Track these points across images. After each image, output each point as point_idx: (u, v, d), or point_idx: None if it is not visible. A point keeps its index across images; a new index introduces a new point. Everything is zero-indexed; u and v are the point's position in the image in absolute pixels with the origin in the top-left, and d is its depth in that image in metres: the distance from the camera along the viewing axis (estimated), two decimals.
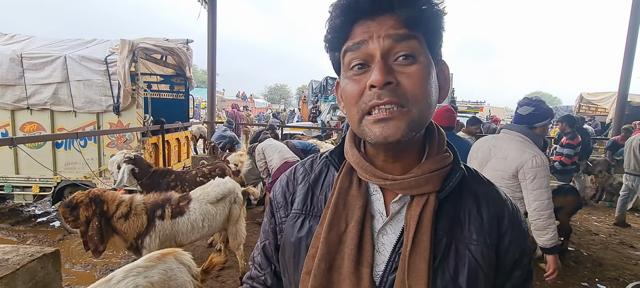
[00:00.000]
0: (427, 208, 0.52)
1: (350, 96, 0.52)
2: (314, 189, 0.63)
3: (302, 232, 0.60)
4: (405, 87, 0.49)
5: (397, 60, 0.49)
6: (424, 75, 0.49)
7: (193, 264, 1.86)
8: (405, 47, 0.49)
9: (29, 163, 4.00)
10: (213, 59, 7.44)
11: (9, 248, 2.07)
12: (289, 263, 0.61)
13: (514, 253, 0.56)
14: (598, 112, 11.13)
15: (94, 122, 4.11)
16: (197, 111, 13.70)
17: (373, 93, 0.49)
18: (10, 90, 3.98)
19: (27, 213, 4.84)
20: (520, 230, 0.57)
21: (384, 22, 0.49)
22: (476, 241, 0.53)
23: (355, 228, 0.54)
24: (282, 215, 0.65)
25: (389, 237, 0.55)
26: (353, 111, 0.52)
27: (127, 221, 2.29)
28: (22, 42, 4.35)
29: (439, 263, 0.51)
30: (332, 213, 0.56)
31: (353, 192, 0.57)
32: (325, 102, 12.58)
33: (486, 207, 0.56)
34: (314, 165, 0.67)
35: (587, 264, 3.62)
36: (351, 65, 0.52)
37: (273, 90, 53.64)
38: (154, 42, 4.24)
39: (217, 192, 2.74)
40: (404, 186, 0.53)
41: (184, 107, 5.66)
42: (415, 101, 0.49)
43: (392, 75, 0.48)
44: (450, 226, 0.54)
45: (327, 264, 0.53)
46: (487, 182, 0.61)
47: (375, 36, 0.49)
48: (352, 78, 0.52)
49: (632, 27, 6.62)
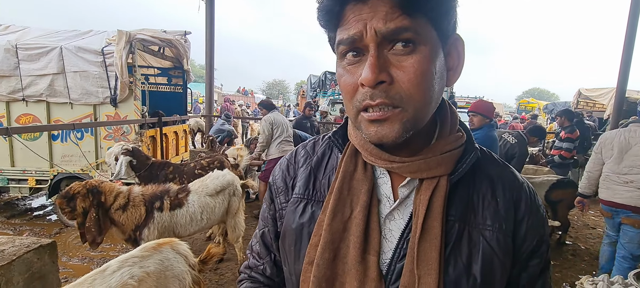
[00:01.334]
0: (437, 193, 0.49)
1: (345, 89, 0.48)
2: (316, 173, 0.59)
3: (304, 218, 0.56)
4: (400, 85, 0.44)
5: (393, 49, 0.44)
6: (423, 68, 0.44)
7: (190, 254, 1.85)
8: (399, 33, 0.43)
9: (25, 156, 3.95)
10: (211, 53, 7.37)
11: (5, 239, 2.04)
12: (289, 252, 0.58)
13: (532, 241, 0.52)
14: (596, 107, 11.17)
15: (90, 114, 4.06)
16: (197, 106, 13.61)
17: (366, 91, 0.44)
18: (5, 81, 3.92)
19: (23, 207, 4.80)
20: (539, 215, 0.53)
21: (376, 5, 0.43)
22: (491, 227, 0.49)
23: (360, 214, 0.50)
24: (282, 200, 0.62)
25: (396, 223, 0.51)
26: (349, 105, 0.48)
27: (125, 213, 2.27)
28: (17, 32, 4.28)
29: (451, 251, 0.48)
30: (335, 198, 0.52)
31: (358, 175, 0.54)
32: (324, 96, 12.54)
33: (502, 191, 0.52)
34: (316, 147, 0.64)
35: (585, 257, 3.65)
36: (343, 52, 0.47)
37: (271, 85, 53.46)
38: (152, 33, 4.18)
39: (216, 184, 2.72)
40: (413, 169, 0.49)
41: (182, 100, 5.60)
42: (411, 100, 0.44)
43: (385, 72, 0.44)
44: (463, 211, 0.50)
45: (331, 253, 0.50)
46: (502, 164, 0.56)
47: (368, 24, 0.43)
48: (346, 68, 0.48)
49: (631, 22, 6.61)
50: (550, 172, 4.37)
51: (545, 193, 3.68)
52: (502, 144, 3.59)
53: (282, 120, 4.24)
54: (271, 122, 4.12)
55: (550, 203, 3.65)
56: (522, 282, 0.53)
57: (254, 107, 20.51)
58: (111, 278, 1.53)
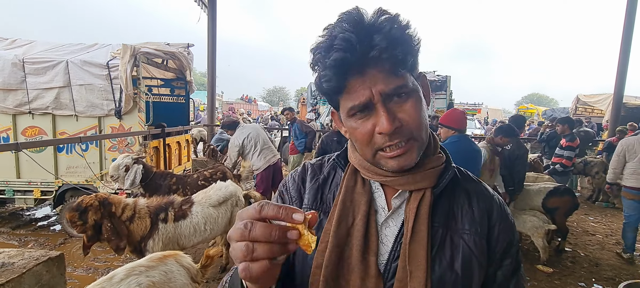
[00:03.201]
0: (423, 202, 0.59)
1: (361, 138, 0.58)
2: (323, 188, 0.69)
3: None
4: (408, 124, 0.56)
5: (393, 101, 0.56)
6: (417, 105, 0.57)
7: (193, 266, 1.89)
8: (398, 90, 0.55)
9: (31, 168, 4.02)
10: (213, 63, 7.49)
11: (14, 252, 2.09)
12: (297, 257, 0.66)
13: (503, 243, 0.62)
14: (594, 113, 11.23)
15: (95, 126, 4.14)
16: (198, 114, 13.73)
17: (383, 137, 0.56)
18: (12, 94, 4.00)
19: (27, 217, 4.84)
20: (508, 222, 0.64)
21: (376, 75, 0.54)
22: (469, 231, 0.60)
23: (361, 221, 0.60)
24: None
25: (391, 229, 0.61)
26: (365, 150, 0.59)
27: (131, 224, 2.33)
28: (23, 46, 4.38)
29: (436, 252, 0.58)
30: (340, 209, 0.62)
31: (358, 189, 0.64)
32: (324, 104, 12.61)
33: (477, 202, 0.63)
34: (322, 168, 0.73)
35: (584, 264, 3.67)
36: (352, 113, 0.58)
37: (271, 92, 53.66)
38: (156, 46, 4.27)
39: (219, 196, 2.77)
40: (403, 182, 0.60)
41: (185, 110, 5.69)
42: (419, 131, 0.57)
43: (396, 119, 0.55)
44: (445, 219, 0.60)
45: (337, 256, 0.59)
46: (476, 181, 0.68)
47: (373, 89, 0.54)
48: (358, 122, 0.58)
49: (627, 28, 6.71)
50: (551, 180, 4.41)
51: (542, 200, 3.72)
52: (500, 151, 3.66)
53: (253, 133, 4.15)
54: (238, 145, 4.08)
55: (547, 211, 3.69)
56: (498, 280, 0.63)
57: (257, 115, 20.69)
58: (119, 286, 1.58)
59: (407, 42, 0.55)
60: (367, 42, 0.53)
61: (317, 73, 0.58)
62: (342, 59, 0.53)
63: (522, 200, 3.79)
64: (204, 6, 7.39)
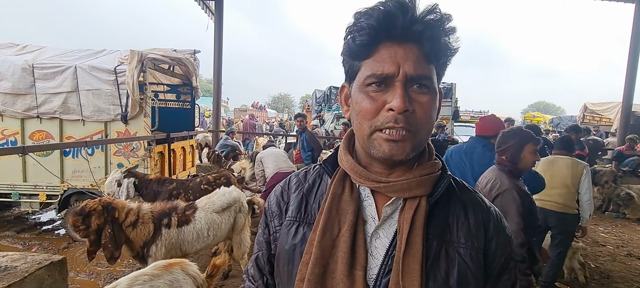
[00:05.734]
0: (419, 212, 0.55)
1: (365, 111, 0.55)
2: (307, 198, 0.65)
3: (296, 239, 0.61)
4: (417, 115, 0.54)
5: (413, 88, 0.54)
6: (432, 105, 0.55)
7: (199, 275, 1.86)
8: (423, 78, 0.53)
9: (37, 171, 4.05)
10: (219, 69, 7.56)
11: (17, 255, 2.09)
12: (283, 273, 0.62)
13: (501, 258, 0.59)
14: (602, 122, 11.09)
15: (101, 131, 4.17)
16: (204, 120, 13.87)
17: (391, 116, 0.53)
18: (21, 99, 4.06)
19: (32, 221, 4.87)
20: (505, 235, 0.61)
21: (409, 51, 0.53)
22: (464, 244, 0.56)
23: (348, 232, 0.56)
24: (276, 224, 0.67)
25: (381, 241, 0.57)
26: (364, 125, 0.55)
27: (134, 229, 2.31)
28: (33, 52, 4.45)
29: (431, 266, 0.54)
30: (325, 218, 0.58)
31: (345, 197, 0.60)
32: (329, 111, 12.64)
33: (473, 213, 0.59)
34: (307, 175, 0.70)
35: (595, 276, 3.57)
36: (369, 82, 0.55)
37: (276, 99, 53.96)
38: (162, 52, 4.32)
39: (223, 201, 2.75)
40: (397, 188, 0.56)
41: (190, 116, 5.72)
42: (422, 128, 0.55)
43: (410, 104, 0.53)
44: (440, 230, 0.57)
45: (320, 269, 0.55)
46: (472, 191, 0.65)
47: (401, 64, 0.52)
48: (369, 94, 0.55)
49: (635, 36, 6.64)
50: None
51: None
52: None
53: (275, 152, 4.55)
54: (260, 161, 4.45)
55: None
56: None
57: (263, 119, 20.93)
58: None
59: (449, 43, 0.54)
60: (416, 16, 0.52)
61: (351, 34, 0.56)
62: (389, 14, 0.51)
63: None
64: (211, 14, 7.49)
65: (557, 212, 2.85)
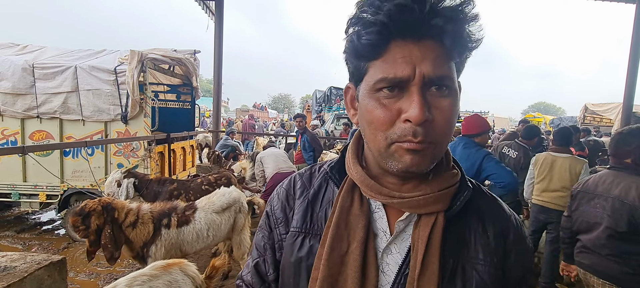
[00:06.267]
0: (436, 229, 0.51)
1: (378, 122, 0.48)
2: (313, 205, 0.61)
3: (302, 252, 0.57)
4: (437, 124, 0.47)
5: (431, 90, 0.47)
6: (454, 109, 0.48)
7: (198, 276, 1.86)
8: (443, 79, 0.46)
9: (37, 171, 4.05)
10: (219, 69, 7.55)
11: (17, 256, 2.09)
12: (288, 284, 0.59)
13: (519, 270, 0.55)
14: (603, 122, 11.08)
15: (101, 131, 4.16)
16: (204, 120, 13.90)
17: (408, 127, 0.46)
18: (21, 99, 4.05)
19: (32, 221, 4.87)
20: (525, 246, 0.57)
21: (427, 49, 0.45)
22: (483, 261, 0.52)
23: (358, 249, 0.52)
24: (282, 231, 0.62)
25: (393, 257, 0.53)
26: (379, 137, 0.49)
27: (134, 229, 2.31)
28: (33, 52, 4.45)
29: (445, 285, 0.50)
30: (333, 233, 0.54)
31: (355, 210, 0.55)
32: (329, 111, 12.65)
33: (492, 224, 0.55)
34: (312, 179, 0.65)
35: None
36: (380, 87, 0.48)
37: (276, 99, 53.99)
38: (163, 52, 4.32)
39: (223, 202, 2.75)
40: (412, 205, 0.51)
41: (190, 116, 5.72)
42: (443, 137, 0.48)
43: (429, 112, 0.46)
44: (456, 246, 0.52)
45: (329, 287, 0.52)
46: (491, 197, 0.59)
47: (417, 64, 0.45)
48: (380, 102, 0.48)
49: (636, 36, 6.63)
50: None
51: None
52: (506, 161, 3.60)
53: (275, 152, 4.56)
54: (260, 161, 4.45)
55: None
56: None
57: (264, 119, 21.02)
58: None
59: (471, 33, 0.47)
60: (435, 7, 0.44)
61: (356, 29, 0.48)
62: (402, 8, 0.43)
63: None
64: (211, 14, 7.49)
65: (557, 210, 2.86)
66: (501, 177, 2.22)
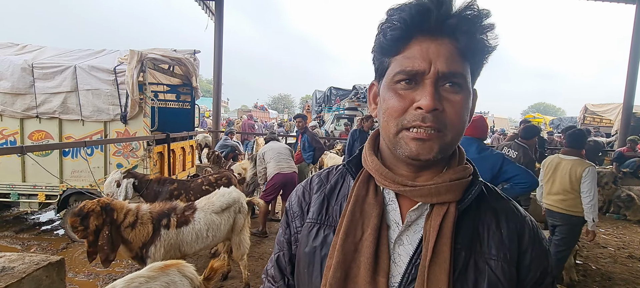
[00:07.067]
0: (447, 219, 0.52)
1: (393, 109, 0.53)
2: (329, 199, 0.63)
3: (317, 242, 0.60)
4: (447, 115, 0.51)
5: (445, 86, 0.51)
6: (465, 104, 0.52)
7: (196, 276, 1.85)
8: (456, 76, 0.51)
9: (36, 171, 4.03)
10: (219, 69, 7.55)
11: (15, 256, 2.08)
12: (303, 274, 0.61)
13: (536, 272, 0.55)
14: (603, 123, 11.08)
15: (101, 131, 4.15)
16: (204, 120, 13.89)
17: (418, 114, 0.50)
18: (21, 98, 4.04)
19: (31, 221, 4.85)
20: (542, 248, 0.56)
21: (442, 46, 0.50)
22: (495, 256, 0.53)
23: (371, 236, 0.54)
24: (298, 224, 0.66)
25: (405, 248, 0.54)
26: (391, 123, 0.53)
27: (133, 230, 2.30)
28: (33, 52, 4.43)
29: (458, 278, 0.51)
30: (348, 220, 0.56)
31: (369, 200, 0.57)
32: (329, 111, 12.64)
33: (505, 222, 0.56)
34: (329, 176, 0.68)
35: (596, 278, 3.55)
36: (398, 79, 0.53)
37: (276, 99, 53.98)
38: (162, 52, 4.30)
39: (222, 202, 2.74)
40: (425, 193, 0.53)
41: (190, 116, 5.70)
42: (452, 128, 0.52)
43: (440, 102, 0.50)
44: (469, 240, 0.53)
45: (342, 273, 0.53)
46: (505, 198, 0.61)
47: (433, 60, 0.50)
48: (397, 92, 0.53)
49: (636, 37, 6.63)
50: None
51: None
52: None
53: (276, 147, 4.49)
54: (262, 156, 4.41)
55: None
56: None
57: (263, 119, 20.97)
58: None
59: (486, 40, 0.52)
60: (451, 10, 0.50)
61: (383, 30, 0.54)
62: (423, 7, 0.49)
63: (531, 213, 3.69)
64: (211, 14, 7.48)
65: (561, 213, 2.85)
66: (524, 178, 2.22)
